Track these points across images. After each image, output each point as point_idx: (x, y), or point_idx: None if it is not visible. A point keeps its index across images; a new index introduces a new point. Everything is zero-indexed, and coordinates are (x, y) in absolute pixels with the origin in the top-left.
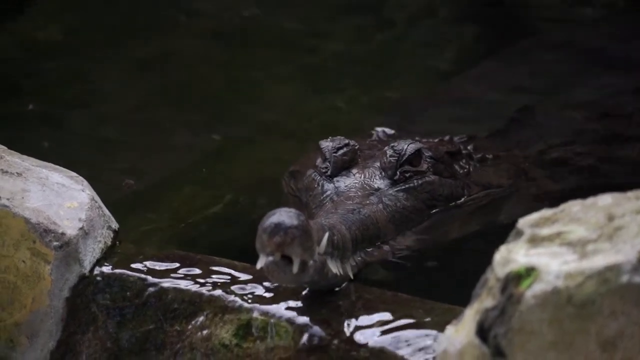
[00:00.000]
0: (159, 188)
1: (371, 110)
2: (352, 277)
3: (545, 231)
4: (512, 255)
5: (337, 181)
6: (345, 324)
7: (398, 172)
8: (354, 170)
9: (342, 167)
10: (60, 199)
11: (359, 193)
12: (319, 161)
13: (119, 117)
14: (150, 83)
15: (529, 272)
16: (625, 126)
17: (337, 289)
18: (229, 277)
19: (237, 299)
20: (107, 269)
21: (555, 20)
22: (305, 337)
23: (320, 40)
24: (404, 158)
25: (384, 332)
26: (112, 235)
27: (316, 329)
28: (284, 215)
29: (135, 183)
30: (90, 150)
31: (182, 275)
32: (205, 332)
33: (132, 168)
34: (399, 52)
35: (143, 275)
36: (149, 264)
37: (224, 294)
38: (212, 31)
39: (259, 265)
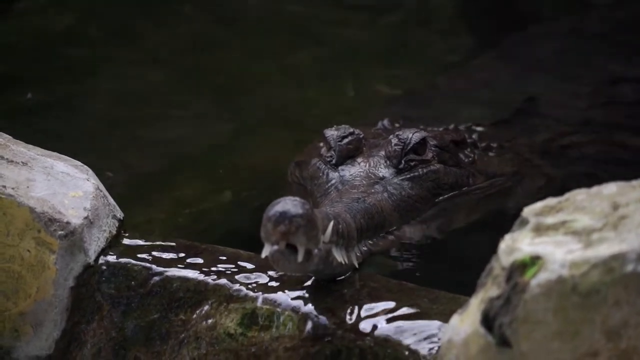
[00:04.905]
0: (164, 177)
1: (376, 100)
2: (357, 265)
3: (550, 220)
4: (517, 244)
5: (342, 170)
6: (350, 313)
7: (403, 161)
8: (359, 159)
9: (347, 156)
10: (65, 188)
11: (364, 182)
12: (323, 150)
13: (123, 107)
14: (154, 73)
15: (534, 261)
16: (630, 114)
17: (341, 277)
18: (234, 266)
19: (242, 287)
20: (112, 258)
21: (561, 8)
22: (310, 326)
23: (325, 30)
24: (409, 147)
25: (388, 321)
26: (117, 224)
27: (321, 318)
28: (289, 204)
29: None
30: (94, 139)
31: (187, 265)
32: (210, 321)
33: (136, 157)
34: (404, 42)
35: (148, 265)
36: (153, 253)
37: (228, 283)
38: (217, 21)
39: (263, 254)
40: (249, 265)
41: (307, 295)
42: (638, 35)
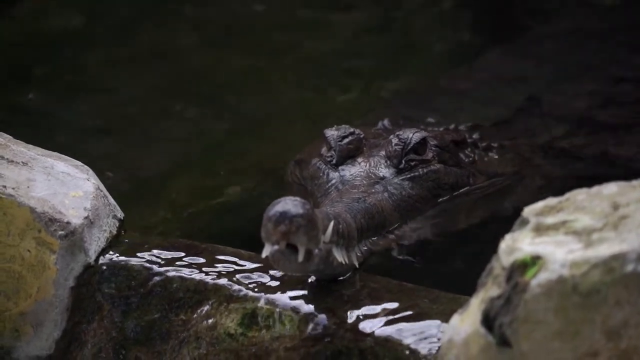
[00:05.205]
0: (164, 177)
1: (376, 100)
2: (357, 266)
3: (550, 220)
4: (517, 244)
5: (342, 170)
6: (350, 313)
7: (403, 161)
8: (359, 159)
9: (348, 155)
10: (66, 188)
11: (364, 182)
12: (324, 150)
13: (123, 107)
14: (154, 73)
15: (535, 260)
16: (631, 115)
17: (342, 277)
18: (234, 266)
19: (242, 287)
20: (112, 258)
21: (562, 8)
22: (310, 326)
23: (325, 30)
24: (410, 147)
25: (389, 321)
26: (117, 224)
27: (321, 318)
28: (289, 204)
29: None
30: (95, 138)
31: (187, 264)
32: (210, 321)
33: (137, 157)
34: (405, 42)
35: (148, 264)
36: (154, 253)
37: (229, 282)
38: (217, 22)
39: (264, 254)
40: (250, 265)
41: (307, 295)
42: (639, 35)
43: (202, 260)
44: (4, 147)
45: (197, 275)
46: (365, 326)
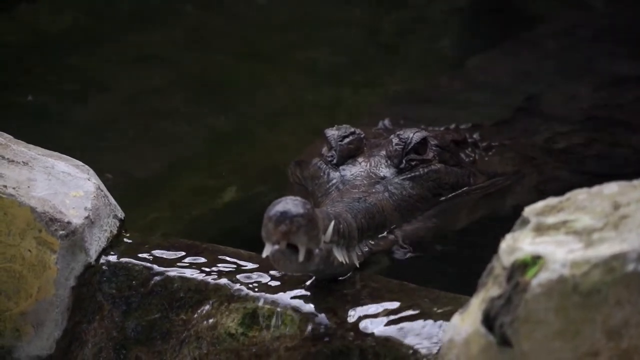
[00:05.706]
0: (164, 177)
1: (377, 100)
2: (358, 265)
3: (550, 220)
4: (517, 244)
5: (343, 170)
6: (351, 313)
7: (404, 161)
8: (360, 159)
9: (348, 155)
10: (66, 187)
11: (365, 181)
12: (324, 150)
13: (124, 107)
14: (154, 73)
15: (535, 260)
16: (631, 114)
17: (343, 277)
18: (235, 266)
19: (243, 287)
20: (113, 257)
21: (563, 7)
22: (311, 325)
23: (327, 30)
24: (410, 146)
25: (389, 321)
26: (118, 224)
27: (322, 317)
28: (290, 204)
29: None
30: (95, 138)
31: (187, 264)
32: (211, 321)
33: (137, 157)
34: (406, 41)
35: (149, 264)
36: (154, 252)
37: (229, 282)
38: (217, 21)
39: (264, 253)
40: (250, 265)
41: (308, 295)
42: (638, 34)
43: (202, 260)
44: (4, 147)
45: (197, 275)
46: (366, 326)
